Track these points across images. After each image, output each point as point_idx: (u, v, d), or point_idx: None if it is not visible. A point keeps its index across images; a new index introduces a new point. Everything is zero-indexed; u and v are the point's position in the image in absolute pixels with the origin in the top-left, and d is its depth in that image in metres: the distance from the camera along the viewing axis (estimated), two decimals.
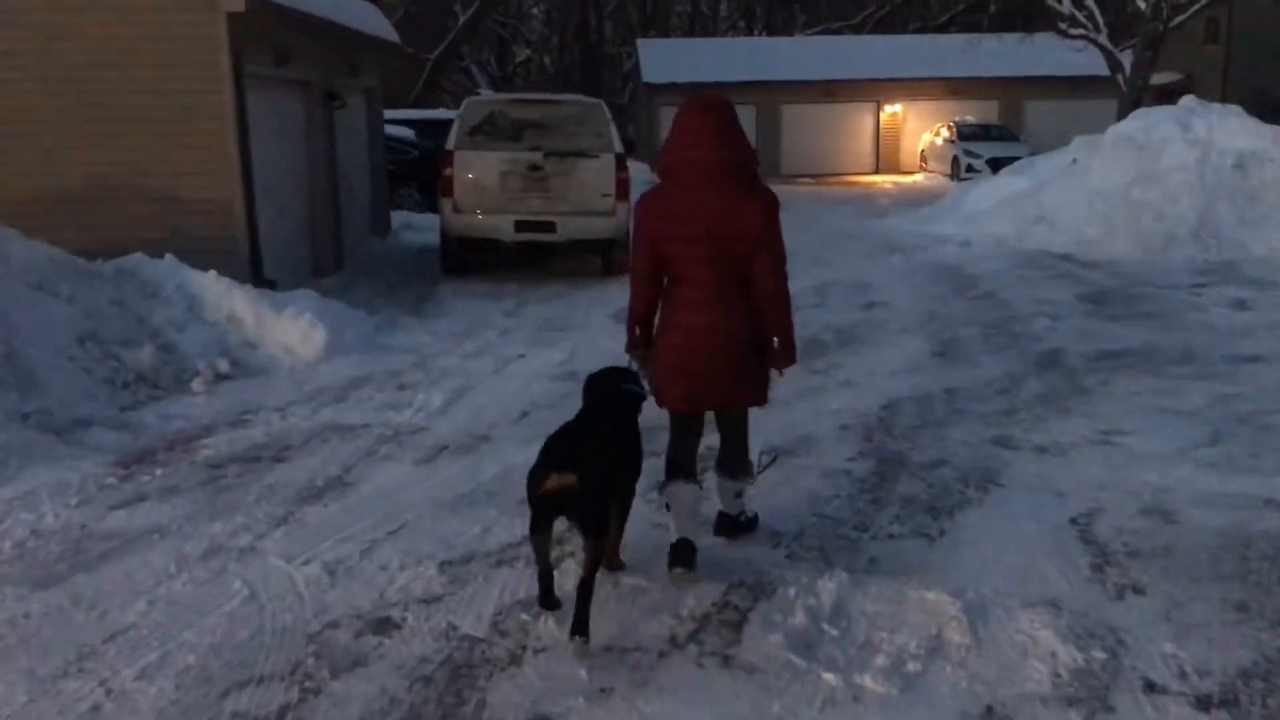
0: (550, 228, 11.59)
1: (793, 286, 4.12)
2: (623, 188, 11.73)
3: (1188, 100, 15.79)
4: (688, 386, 4.05)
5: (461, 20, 31.67)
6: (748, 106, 32.53)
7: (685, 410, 4.17)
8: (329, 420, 6.40)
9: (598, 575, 3.62)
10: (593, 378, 4.30)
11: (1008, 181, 16.51)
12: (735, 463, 4.31)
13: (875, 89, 32.62)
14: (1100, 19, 22.61)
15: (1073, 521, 4.60)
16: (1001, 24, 41.71)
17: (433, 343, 8.54)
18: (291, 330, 7.85)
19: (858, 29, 41.44)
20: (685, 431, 4.22)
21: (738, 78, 32.02)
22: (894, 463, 5.46)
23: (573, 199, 11.61)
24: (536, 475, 3.59)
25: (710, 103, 4.04)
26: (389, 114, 19.87)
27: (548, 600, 3.72)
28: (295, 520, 4.79)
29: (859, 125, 33.05)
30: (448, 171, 11.64)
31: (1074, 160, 14.96)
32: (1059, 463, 5.41)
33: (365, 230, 14.78)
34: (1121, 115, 18.67)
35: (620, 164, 11.72)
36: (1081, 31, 22.75)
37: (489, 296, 10.88)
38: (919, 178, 30.19)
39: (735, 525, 4.43)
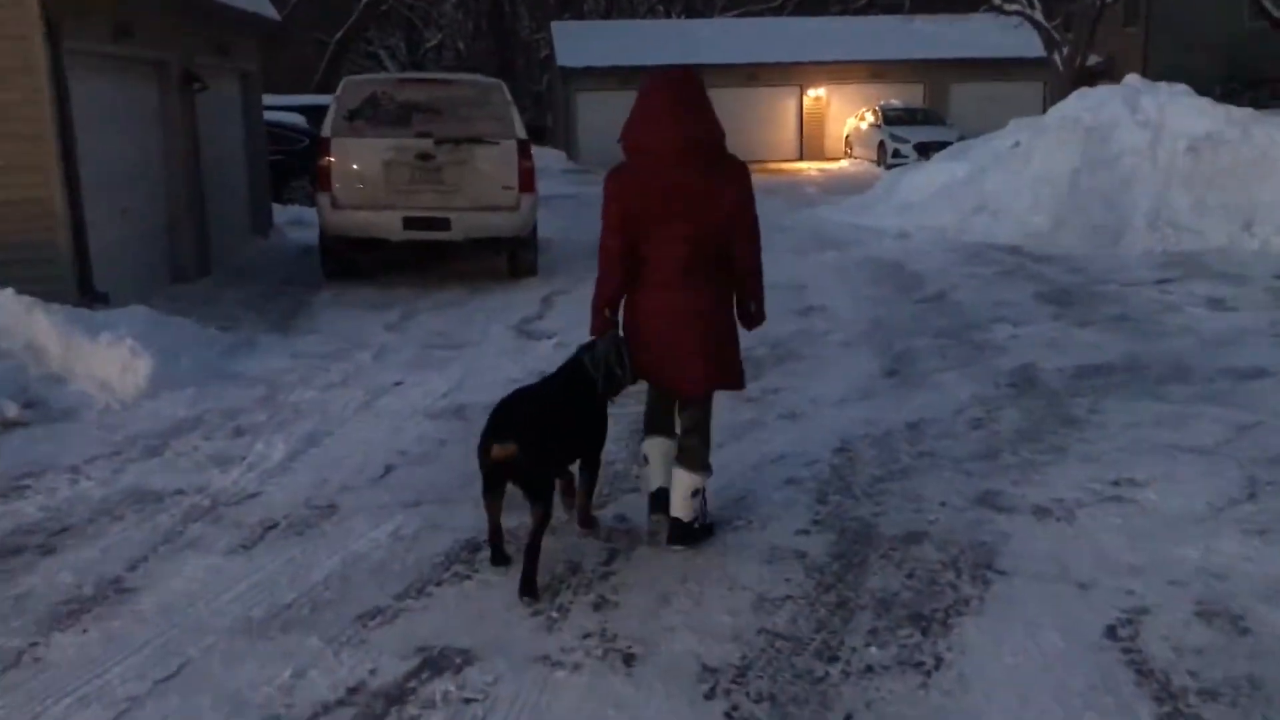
0: (444, 225, 10.17)
1: None
2: (527, 178, 10.36)
3: (1131, 79, 14.86)
4: (661, 367, 4.04)
5: (364, 1, 29.93)
6: None
7: (661, 387, 4.18)
8: (132, 485, 4.96)
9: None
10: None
11: (944, 168, 15.45)
12: (695, 454, 4.11)
13: (798, 72, 31.56)
14: None
15: (1112, 634, 3.39)
16: (924, 6, 41.09)
17: (292, 368, 7.10)
18: (108, 360, 6.37)
19: (778, 12, 40.38)
20: (661, 394, 4.22)
21: (657, 61, 30.60)
22: (859, 537, 4.20)
23: (470, 192, 10.22)
24: (481, 445, 3.81)
25: (678, 76, 3.94)
26: (281, 100, 18.28)
27: (497, 556, 3.96)
28: (31, 660, 3.38)
29: (782, 110, 31.96)
30: (324, 162, 10.16)
31: (1016, 144, 13.93)
32: (1069, 533, 4.20)
33: (243, 228, 13.20)
34: (1057, 97, 17.76)
35: (524, 152, 10.34)
36: (1018, 7, 21.83)
37: (372, 306, 9.45)
38: (845, 164, 29.21)
39: (689, 532, 4.12)
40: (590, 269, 4.30)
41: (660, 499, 4.11)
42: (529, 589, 3.68)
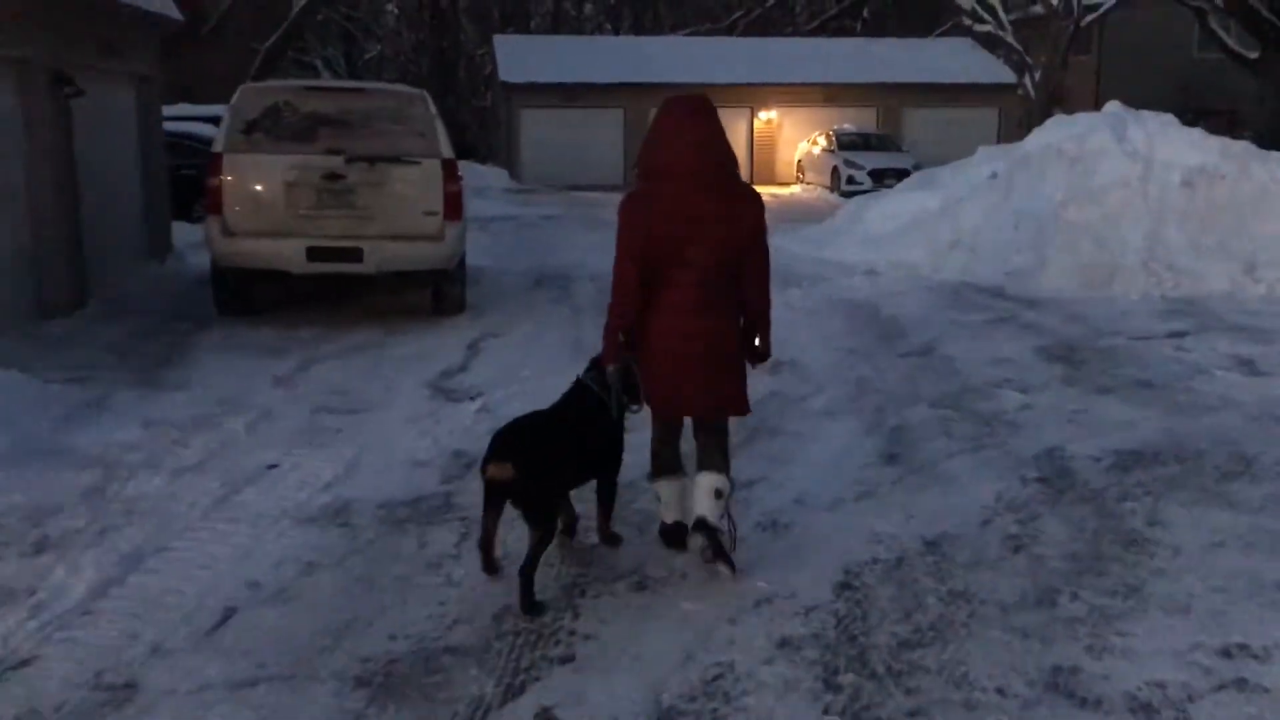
0: (355, 256, 8.74)
1: None
2: (453, 203, 8.97)
3: (1112, 106, 13.85)
4: (680, 394, 4.01)
5: (295, 8, 28.37)
6: (614, 110, 30.03)
7: (671, 417, 4.15)
8: None
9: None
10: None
11: (913, 198, 14.31)
12: (717, 460, 4.10)
13: (749, 94, 30.47)
14: (1004, 16, 20.81)
15: None
16: (875, 29, 40.35)
17: (141, 443, 5.64)
18: None
19: (729, 32, 39.39)
20: (669, 429, 4.18)
21: (605, 79, 29.49)
22: None
23: (386, 218, 8.81)
24: (484, 463, 3.85)
25: (696, 103, 3.99)
26: (199, 110, 16.67)
27: (488, 564, 4.01)
28: None
29: (732, 133, 29.96)
30: (214, 181, 8.69)
31: (993, 175, 12.82)
32: None
33: (134, 253, 11.65)
34: (1032, 123, 16.72)
35: (450, 172, 8.95)
36: (988, 28, 20.88)
37: (266, 351, 7.99)
38: (796, 189, 28.13)
39: (718, 541, 3.98)
40: (528, 306, 5.20)
41: (674, 533, 4.16)
42: (531, 608, 3.75)
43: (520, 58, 30.69)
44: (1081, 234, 11.44)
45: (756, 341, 4.17)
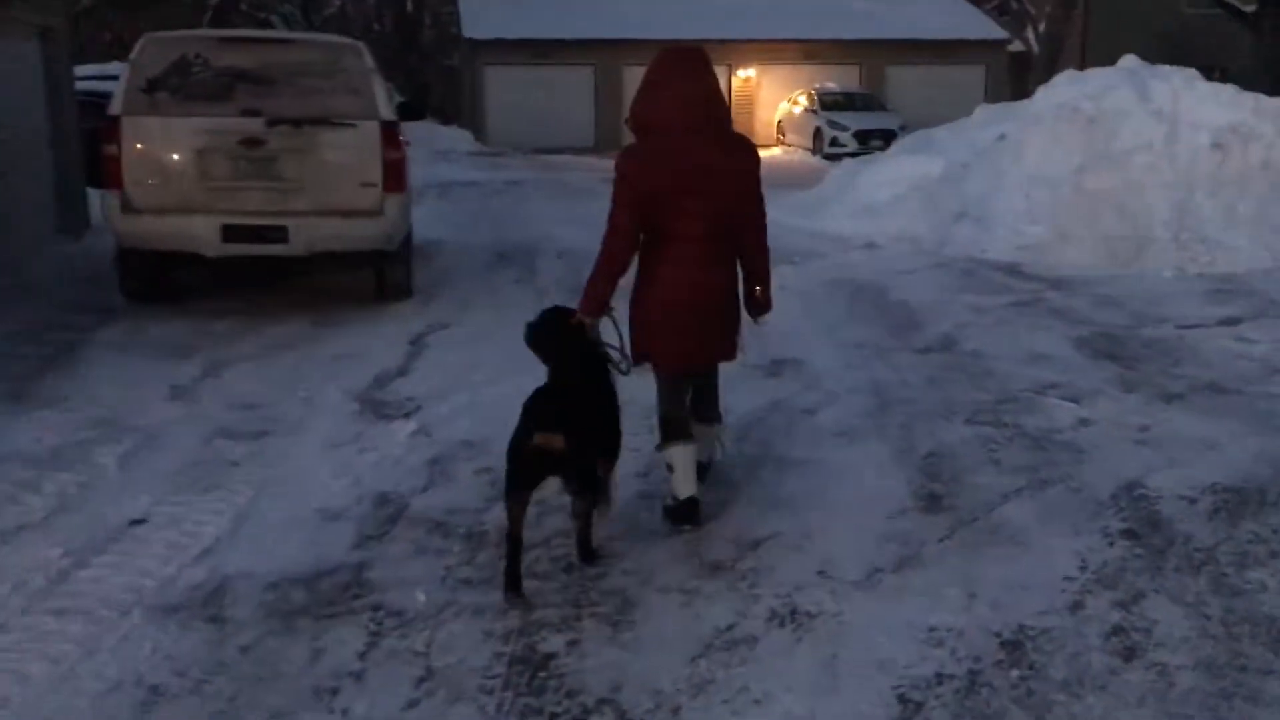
0: (278, 235, 7.47)
1: None
2: (394, 172, 7.71)
3: (1128, 60, 12.69)
4: (685, 345, 4.01)
5: None
6: (584, 67, 28.60)
7: (682, 371, 4.12)
8: None
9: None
10: (541, 332, 3.94)
11: (910, 162, 13.10)
12: (711, 410, 4.27)
13: (726, 51, 29.01)
14: None
15: None
16: None
17: None
18: None
19: None
20: (678, 389, 4.13)
21: (576, 34, 28.01)
22: None
23: (315, 191, 7.53)
24: (520, 436, 3.56)
25: (691, 54, 3.96)
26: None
27: (513, 583, 3.49)
28: None
29: None
30: (111, 149, 7.39)
31: (1002, 137, 11.63)
32: None
33: (39, 230, 10.29)
34: (1037, 80, 15.54)
35: (390, 137, 7.67)
36: None
37: (172, 351, 6.74)
38: (777, 151, 26.87)
39: (703, 470, 4.23)
40: (486, 288, 4.53)
41: (689, 509, 4.04)
42: (588, 553, 3.72)
43: (486, 13, 29.12)
44: (1103, 203, 10.30)
45: (758, 291, 4.17)
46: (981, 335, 7.09)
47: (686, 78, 3.88)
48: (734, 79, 29.52)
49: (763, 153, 18.31)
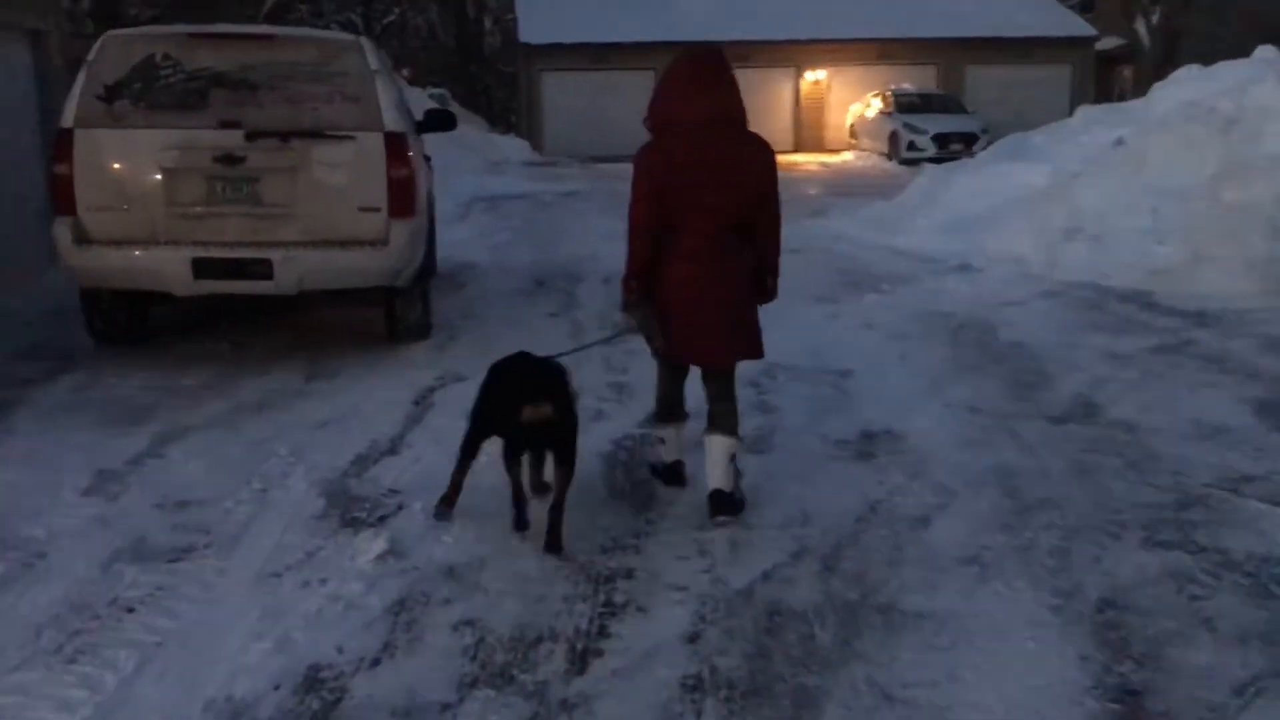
0: (261, 270, 6.21)
1: None
2: (403, 194, 6.41)
3: (1266, 51, 11.04)
4: (699, 340, 4.04)
5: None
6: (645, 72, 27.16)
7: (690, 364, 4.20)
8: None
9: None
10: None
11: (1007, 171, 11.56)
12: (728, 419, 4.14)
13: (795, 52, 27.63)
14: None
15: None
16: None
17: None
18: None
19: None
20: (676, 376, 4.26)
21: (637, 38, 26.62)
22: None
23: (305, 218, 6.27)
24: (508, 407, 3.83)
25: (709, 54, 4.04)
26: None
27: (521, 521, 3.90)
28: None
29: (777, 94, 27.94)
30: (62, 168, 6.18)
31: (1120, 141, 10.04)
32: None
33: (29, 256, 9.17)
34: (1151, 78, 13.84)
35: (396, 151, 6.37)
36: None
37: (120, 414, 5.50)
38: (849, 157, 25.32)
39: (732, 503, 4.07)
40: (517, 323, 5.33)
41: (679, 469, 4.30)
42: (556, 545, 3.76)
43: (543, 17, 27.93)
44: (1248, 220, 8.66)
45: (768, 281, 4.20)
46: (1128, 396, 5.57)
47: (703, 78, 3.95)
48: (802, 81, 28.03)
49: (834, 158, 16.72)
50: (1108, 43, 30.01)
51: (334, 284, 6.47)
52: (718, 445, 4.08)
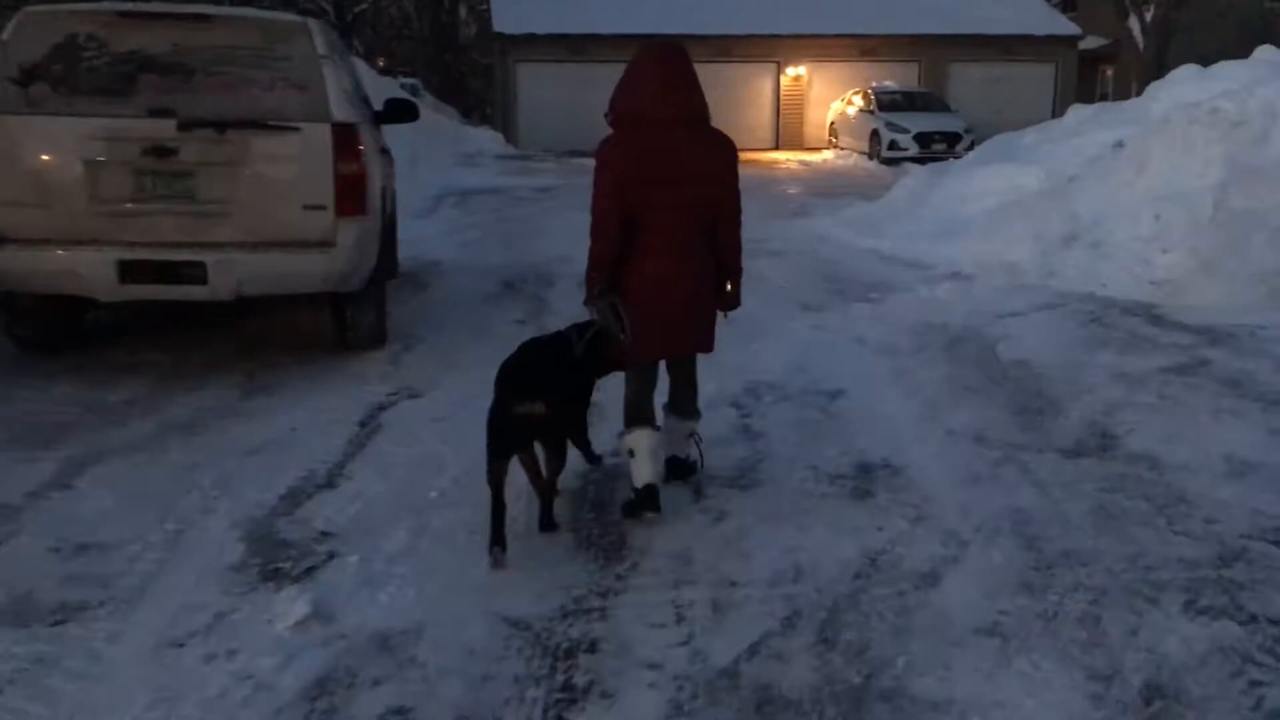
0: (194, 274, 5.63)
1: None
2: (351, 190, 5.85)
3: (1265, 52, 10.62)
4: (664, 336, 4.04)
5: None
6: (622, 65, 26.51)
7: (659, 359, 4.18)
8: None
9: None
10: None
11: (1000, 173, 11.09)
12: (689, 405, 4.28)
13: (775, 46, 27.12)
14: None
15: None
16: None
17: None
18: None
19: None
20: (646, 378, 4.17)
21: (614, 29, 26.03)
22: None
23: (244, 216, 5.70)
24: (501, 404, 3.70)
25: (671, 47, 4.02)
26: None
27: (499, 536, 3.62)
28: None
29: (757, 91, 27.45)
30: None
31: (1120, 144, 9.58)
32: None
33: None
34: (1148, 76, 13.42)
35: (346, 143, 5.80)
36: None
37: (27, 436, 4.92)
38: (830, 155, 24.83)
39: (685, 467, 4.32)
40: (481, 331, 5.70)
41: (650, 496, 3.96)
42: (549, 523, 3.84)
43: (519, 6, 27.31)
44: (1255, 228, 8.22)
45: (728, 287, 4.20)
46: (1146, 425, 5.08)
47: (668, 74, 3.91)
48: (783, 77, 27.52)
49: (814, 156, 16.18)
50: (1090, 42, 29.68)
51: (276, 289, 5.90)
52: (680, 427, 4.21)
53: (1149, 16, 16.80)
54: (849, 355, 6.49)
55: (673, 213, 3.91)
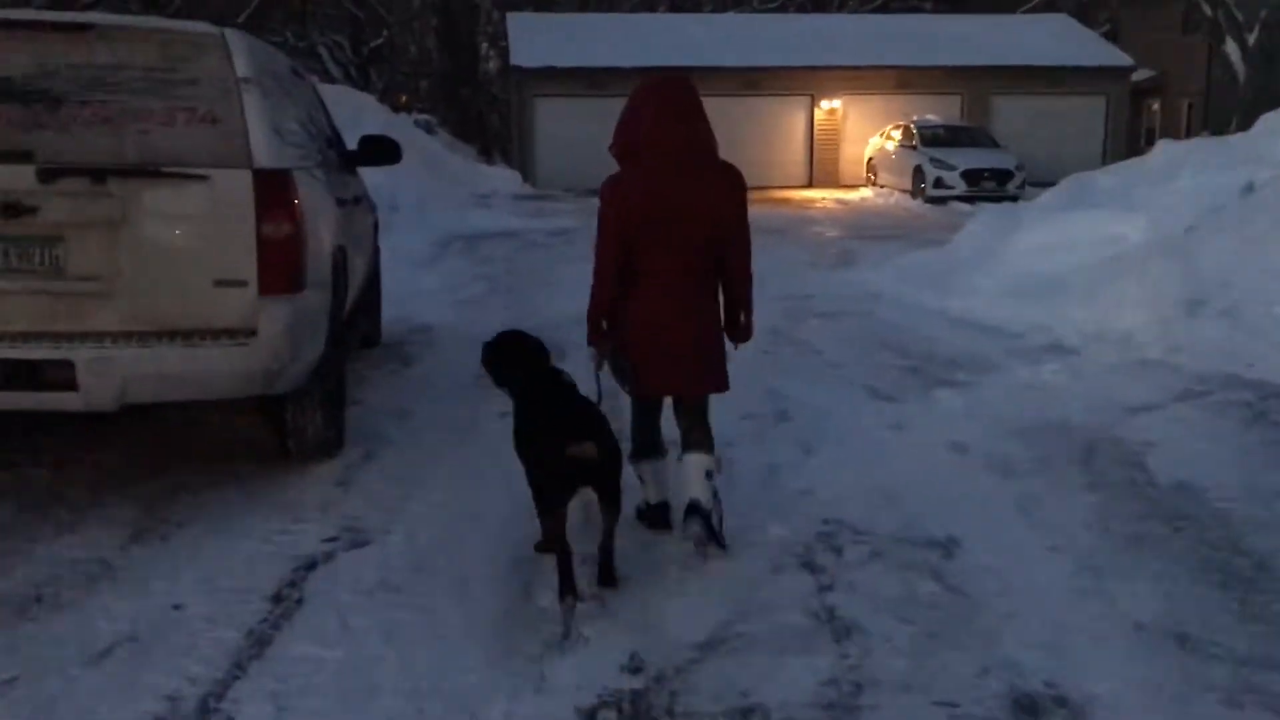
0: (60, 377, 4.08)
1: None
2: (281, 258, 4.31)
3: None
4: (665, 374, 3.95)
5: None
6: None
7: (660, 397, 4.09)
8: None
9: None
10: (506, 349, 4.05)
11: (1090, 220, 9.44)
12: (704, 438, 4.04)
13: (809, 79, 25.62)
14: None
15: None
16: (948, 5, 35.27)
17: None
18: None
19: (782, 9, 34.50)
20: (650, 411, 4.13)
21: (636, 62, 24.60)
22: None
23: (130, 296, 4.17)
24: (551, 447, 3.53)
25: (676, 81, 4.00)
26: None
27: (568, 585, 3.46)
28: None
29: (789, 125, 25.94)
30: None
31: (1250, 188, 7.95)
32: None
33: None
34: (1245, 109, 11.80)
35: (272, 195, 4.28)
36: None
37: None
38: (867, 193, 23.29)
39: (709, 523, 3.87)
40: (465, 430, 5.17)
41: (664, 511, 4.11)
42: (611, 579, 3.66)
43: (537, 39, 26.01)
44: None
45: (741, 318, 4.10)
46: None
47: (670, 106, 3.86)
48: (817, 111, 25.99)
49: (853, 194, 14.32)
50: (1135, 75, 28.07)
51: (174, 395, 4.35)
52: (696, 462, 3.95)
53: (1252, 40, 15.04)
54: (950, 474, 4.86)
55: (675, 249, 3.85)
